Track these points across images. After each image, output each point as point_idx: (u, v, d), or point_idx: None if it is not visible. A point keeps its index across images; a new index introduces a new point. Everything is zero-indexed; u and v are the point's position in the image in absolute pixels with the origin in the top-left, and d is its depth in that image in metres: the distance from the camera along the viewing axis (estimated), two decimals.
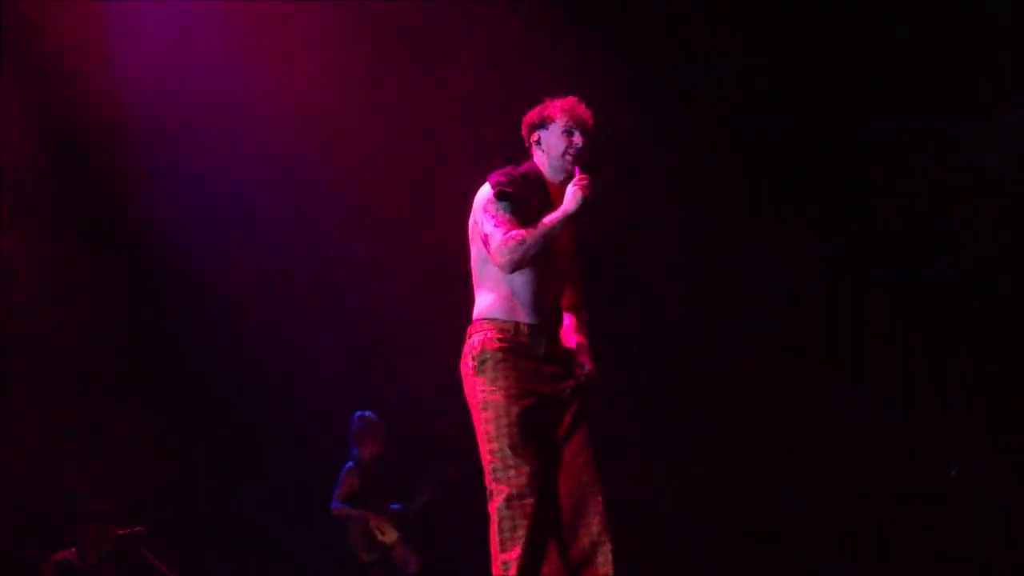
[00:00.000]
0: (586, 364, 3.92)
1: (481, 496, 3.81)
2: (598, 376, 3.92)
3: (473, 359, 3.84)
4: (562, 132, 3.96)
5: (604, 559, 3.78)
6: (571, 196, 3.80)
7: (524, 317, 3.84)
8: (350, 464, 6.93)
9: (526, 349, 3.83)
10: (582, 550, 3.80)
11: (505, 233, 3.78)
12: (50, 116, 6.79)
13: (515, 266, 3.78)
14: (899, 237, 6.82)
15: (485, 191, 3.90)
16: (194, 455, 7.26)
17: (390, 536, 6.79)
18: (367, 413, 6.99)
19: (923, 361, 6.63)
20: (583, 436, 3.87)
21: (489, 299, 3.89)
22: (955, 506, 6.31)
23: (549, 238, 3.78)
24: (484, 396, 3.79)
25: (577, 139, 3.94)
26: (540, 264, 3.84)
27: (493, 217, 3.83)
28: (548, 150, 3.99)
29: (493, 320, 3.85)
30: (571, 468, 3.83)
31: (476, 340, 3.85)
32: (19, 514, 6.55)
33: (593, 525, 3.80)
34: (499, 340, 3.81)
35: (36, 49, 6.63)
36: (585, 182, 3.81)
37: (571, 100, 3.99)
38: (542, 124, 4.00)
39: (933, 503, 6.37)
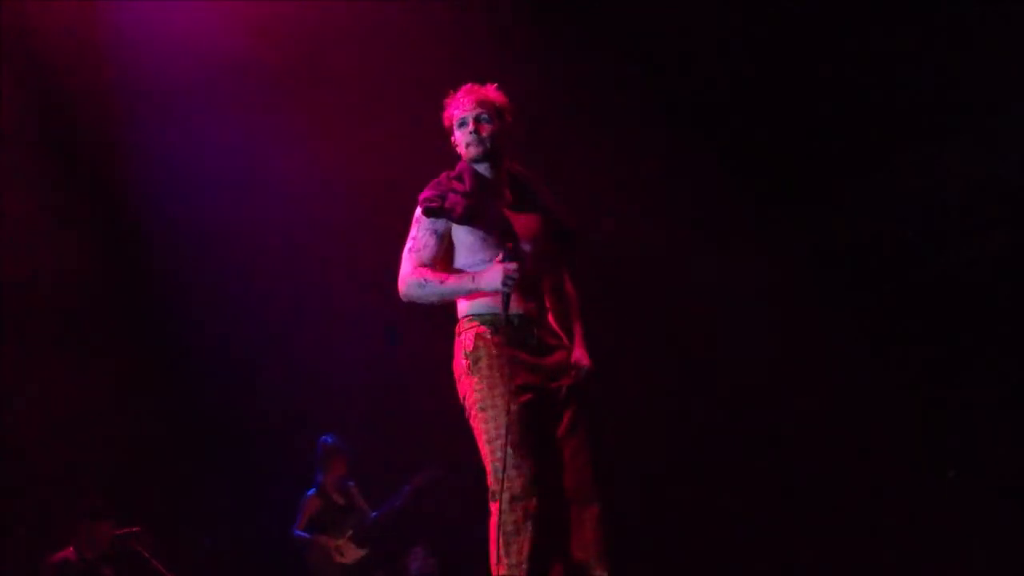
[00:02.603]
0: (582, 360, 3.85)
1: (476, 498, 3.79)
2: (594, 370, 3.85)
3: (466, 357, 3.77)
4: (458, 128, 3.91)
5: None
6: (492, 276, 3.69)
7: (512, 308, 3.74)
8: (312, 491, 7.01)
9: (518, 340, 3.75)
10: (577, 561, 3.72)
11: (414, 266, 3.78)
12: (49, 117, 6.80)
13: (409, 300, 3.79)
14: (895, 239, 6.85)
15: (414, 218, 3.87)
16: (192, 456, 7.28)
17: (351, 556, 6.85)
18: (327, 438, 7.03)
19: (921, 362, 6.64)
20: (582, 437, 3.78)
21: (472, 297, 3.80)
22: (953, 507, 6.35)
23: (448, 297, 3.78)
24: (481, 396, 3.71)
25: (470, 126, 3.86)
26: (513, 256, 3.75)
27: (412, 239, 3.83)
28: (460, 150, 3.94)
29: (482, 315, 3.79)
30: (569, 469, 3.75)
31: (467, 337, 3.78)
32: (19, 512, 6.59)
33: (587, 539, 3.73)
34: (492, 334, 3.75)
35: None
36: (511, 271, 3.65)
37: (459, 91, 3.92)
38: (449, 129, 3.97)
39: (931, 504, 6.40)
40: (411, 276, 3.77)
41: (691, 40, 6.59)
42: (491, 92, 3.93)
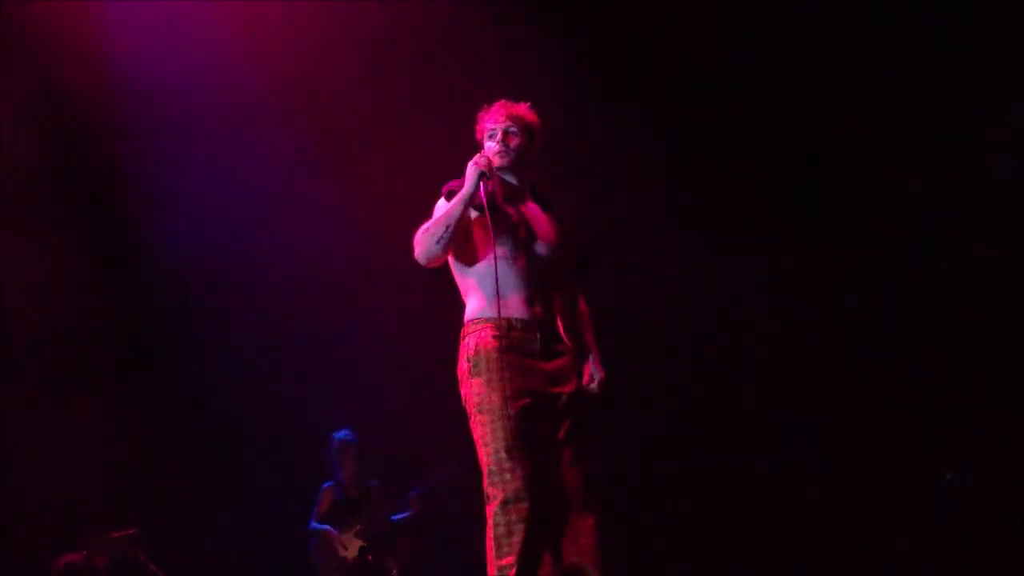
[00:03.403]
0: (597, 372, 3.94)
1: (476, 497, 3.80)
2: (608, 382, 3.93)
3: (468, 360, 3.82)
4: (488, 139, 4.05)
5: None
6: (466, 176, 3.88)
7: (515, 313, 3.83)
8: (329, 483, 7.03)
9: (520, 345, 3.81)
10: (571, 564, 3.76)
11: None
12: (48, 116, 6.76)
13: (426, 255, 3.85)
14: (893, 240, 6.85)
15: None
16: (187, 458, 7.27)
17: (352, 550, 6.86)
18: (340, 434, 7.04)
19: (919, 363, 6.64)
20: (580, 446, 3.83)
21: (478, 300, 3.89)
22: (950, 510, 6.36)
23: (452, 219, 3.83)
24: (479, 399, 3.76)
25: (499, 136, 4.01)
26: (522, 258, 3.89)
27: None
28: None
29: (485, 319, 3.84)
30: (567, 477, 3.79)
31: (470, 341, 3.84)
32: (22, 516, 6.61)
33: (581, 545, 3.77)
34: (493, 338, 3.80)
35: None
36: (480, 158, 3.88)
37: (493, 105, 4.07)
38: (480, 142, 4.10)
39: (928, 508, 6.41)
40: (417, 235, 3.88)
41: (693, 40, 6.59)
42: (523, 109, 4.08)
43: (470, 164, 3.88)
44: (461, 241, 3.91)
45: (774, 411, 6.74)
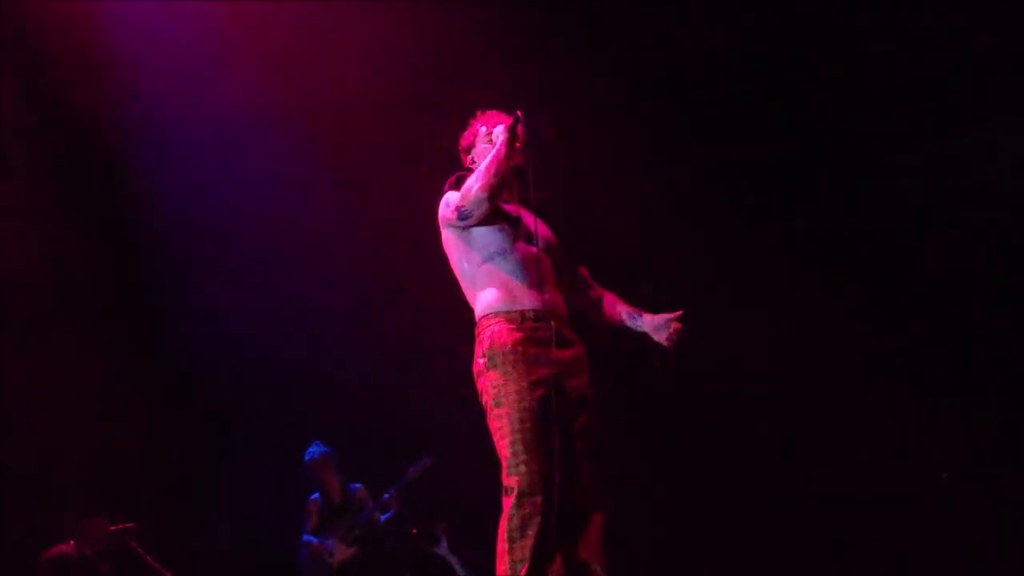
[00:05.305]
0: (672, 323, 4.04)
1: (475, 490, 3.81)
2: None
3: (483, 356, 3.81)
4: (486, 138, 4.05)
5: None
6: (498, 130, 3.94)
7: (528, 304, 3.84)
8: (314, 495, 7.05)
9: (534, 334, 3.80)
10: (581, 560, 3.78)
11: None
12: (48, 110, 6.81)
13: (488, 190, 3.81)
14: (888, 241, 6.86)
15: (448, 196, 3.99)
16: (185, 453, 7.29)
17: (340, 556, 6.87)
18: (311, 452, 7.03)
19: (912, 366, 6.64)
20: (591, 443, 3.85)
21: (488, 296, 3.88)
22: (945, 510, 6.37)
23: (494, 160, 3.84)
24: (496, 392, 3.76)
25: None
26: (529, 249, 3.90)
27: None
28: (483, 159, 4.00)
29: (498, 313, 3.84)
30: (579, 472, 3.80)
31: (485, 337, 3.84)
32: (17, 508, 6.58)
33: (590, 542, 3.79)
34: (509, 331, 3.79)
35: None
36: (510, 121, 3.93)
37: (486, 112, 4.11)
38: (471, 144, 4.11)
39: (923, 508, 6.42)
40: (464, 189, 3.86)
41: (690, 37, 6.60)
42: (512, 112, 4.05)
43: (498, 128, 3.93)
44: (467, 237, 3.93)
45: (771, 410, 6.75)
